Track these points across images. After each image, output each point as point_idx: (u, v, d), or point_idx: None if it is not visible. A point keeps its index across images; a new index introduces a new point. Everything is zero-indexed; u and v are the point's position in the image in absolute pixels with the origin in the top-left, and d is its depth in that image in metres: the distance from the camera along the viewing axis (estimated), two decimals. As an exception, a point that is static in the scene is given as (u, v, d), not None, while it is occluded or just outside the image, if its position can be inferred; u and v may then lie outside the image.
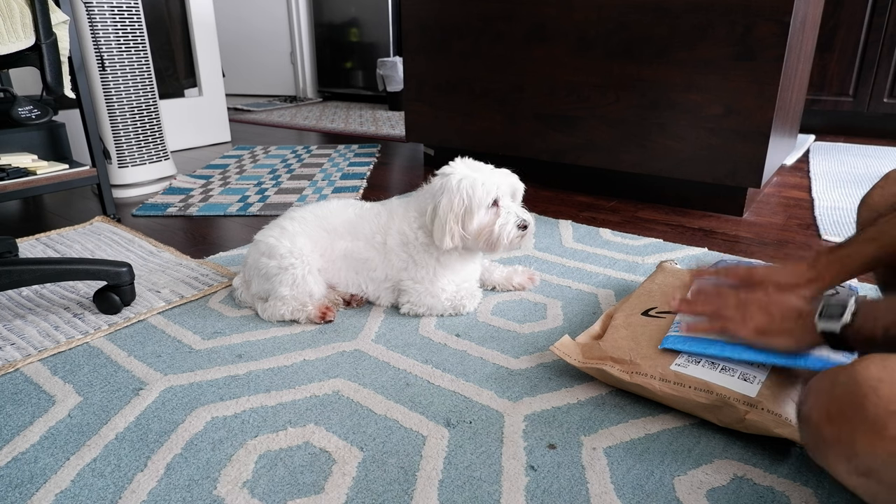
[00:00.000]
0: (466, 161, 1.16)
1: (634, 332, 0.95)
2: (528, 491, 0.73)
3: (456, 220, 1.09)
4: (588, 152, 1.97)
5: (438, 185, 1.12)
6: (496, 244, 1.11)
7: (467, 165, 1.14)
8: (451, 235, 1.09)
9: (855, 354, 0.71)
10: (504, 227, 1.10)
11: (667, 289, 1.09)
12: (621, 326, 0.98)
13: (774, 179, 2.20)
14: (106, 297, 1.18)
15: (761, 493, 0.72)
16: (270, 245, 1.15)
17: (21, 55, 1.11)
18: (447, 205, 1.09)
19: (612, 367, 0.89)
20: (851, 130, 3.09)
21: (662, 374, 0.85)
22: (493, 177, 1.11)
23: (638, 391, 0.88)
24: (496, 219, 1.10)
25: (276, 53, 4.87)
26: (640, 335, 0.94)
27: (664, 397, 0.84)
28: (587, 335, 1.01)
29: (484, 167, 1.15)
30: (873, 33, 2.81)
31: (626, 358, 0.89)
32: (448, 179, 1.11)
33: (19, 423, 0.87)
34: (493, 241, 1.11)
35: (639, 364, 0.88)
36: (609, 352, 0.92)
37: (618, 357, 0.90)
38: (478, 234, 1.11)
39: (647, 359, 0.88)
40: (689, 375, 0.83)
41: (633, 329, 0.97)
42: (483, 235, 1.11)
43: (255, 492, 0.73)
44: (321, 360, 1.03)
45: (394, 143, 3.01)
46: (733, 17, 1.61)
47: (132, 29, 2.00)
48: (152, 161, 2.13)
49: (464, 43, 2.15)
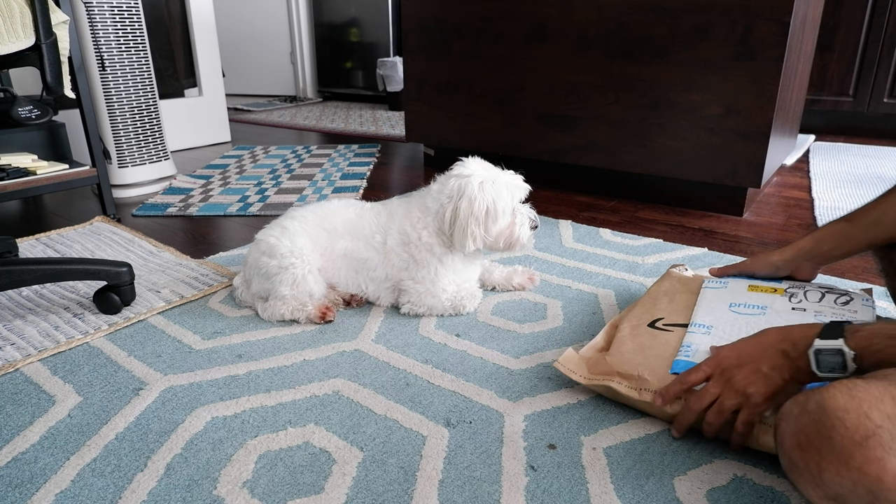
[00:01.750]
0: (479, 161, 1.16)
1: (641, 346, 0.92)
2: (528, 491, 0.73)
3: (478, 224, 1.10)
4: (588, 152, 1.97)
5: (455, 186, 1.11)
6: (515, 244, 1.15)
7: (482, 166, 1.14)
8: (473, 238, 1.11)
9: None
10: (522, 228, 1.14)
11: (674, 297, 1.04)
12: (627, 338, 0.95)
13: (774, 179, 2.20)
14: (106, 297, 1.18)
15: (761, 493, 0.72)
16: (271, 244, 1.15)
17: (21, 55, 1.11)
18: (468, 208, 1.09)
19: (619, 384, 0.86)
20: (851, 130, 3.09)
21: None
22: (516, 181, 1.14)
23: (647, 409, 0.85)
24: (515, 220, 1.14)
25: (276, 53, 4.87)
26: (648, 349, 0.91)
27: (674, 415, 0.82)
28: (591, 348, 0.97)
29: (495, 168, 1.15)
30: (873, 33, 2.81)
31: (633, 373, 0.86)
32: (468, 181, 1.10)
33: (19, 423, 0.87)
34: (512, 242, 1.15)
35: (647, 379, 0.85)
36: (616, 366, 0.89)
37: (625, 372, 0.87)
38: (498, 235, 1.14)
39: (656, 374, 0.85)
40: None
41: (640, 342, 0.93)
42: (503, 236, 1.14)
43: (255, 492, 0.73)
44: (321, 360, 1.03)
45: (394, 143, 3.01)
46: (733, 17, 1.61)
47: (132, 29, 2.00)
48: (152, 161, 2.13)
49: (464, 43, 2.15)
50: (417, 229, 1.15)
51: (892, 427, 0.50)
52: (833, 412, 0.53)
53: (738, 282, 1.00)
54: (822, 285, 0.94)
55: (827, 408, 0.54)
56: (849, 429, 0.51)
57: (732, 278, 1.03)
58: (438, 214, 1.13)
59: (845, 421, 0.52)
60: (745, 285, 0.98)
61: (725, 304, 0.94)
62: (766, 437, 0.75)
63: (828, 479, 0.53)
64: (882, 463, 0.49)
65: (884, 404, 0.52)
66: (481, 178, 1.10)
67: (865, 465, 0.50)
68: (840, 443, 0.52)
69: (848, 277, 1.34)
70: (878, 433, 0.50)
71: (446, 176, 1.15)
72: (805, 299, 0.91)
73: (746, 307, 0.92)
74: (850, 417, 0.52)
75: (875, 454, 0.50)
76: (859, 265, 1.41)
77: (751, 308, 0.91)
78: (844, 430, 0.52)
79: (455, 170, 1.14)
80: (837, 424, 0.52)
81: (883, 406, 0.52)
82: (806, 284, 0.95)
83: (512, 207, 1.13)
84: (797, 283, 0.96)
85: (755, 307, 0.91)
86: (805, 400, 0.57)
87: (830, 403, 0.54)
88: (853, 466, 0.51)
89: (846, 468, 0.51)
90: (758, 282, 0.98)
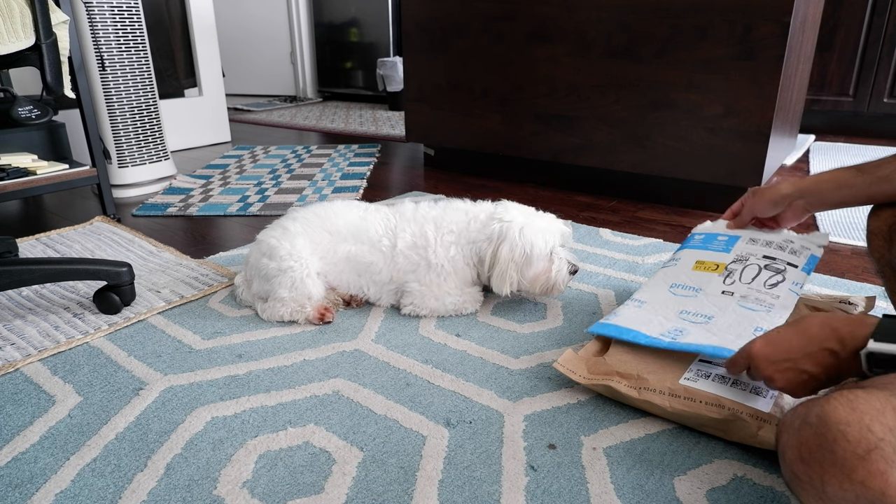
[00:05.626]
0: (516, 205, 1.19)
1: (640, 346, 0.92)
2: (528, 491, 0.73)
3: (516, 270, 1.12)
4: (588, 152, 1.97)
5: (497, 230, 1.13)
6: (552, 290, 1.16)
7: (521, 212, 1.17)
8: (511, 283, 1.13)
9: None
10: (559, 273, 1.15)
11: None
12: None
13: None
14: (106, 297, 1.18)
15: (761, 493, 0.72)
16: (271, 246, 1.15)
17: (21, 55, 1.11)
18: (508, 254, 1.12)
19: (619, 383, 0.87)
20: (851, 130, 3.09)
21: (671, 388, 0.83)
22: (552, 226, 1.15)
23: (647, 408, 0.85)
24: (551, 265, 1.14)
25: (276, 53, 4.87)
26: (646, 349, 0.91)
27: (674, 414, 0.82)
28: (591, 349, 0.97)
29: (535, 214, 1.18)
30: (873, 33, 2.81)
31: (633, 373, 0.87)
32: (509, 227, 1.13)
33: (19, 423, 0.87)
34: (549, 287, 1.16)
35: (646, 379, 0.85)
36: (615, 366, 0.89)
37: (624, 372, 0.88)
38: (534, 280, 1.14)
39: (655, 374, 0.86)
40: (699, 390, 0.81)
41: None
42: (539, 281, 1.15)
43: (255, 492, 0.73)
44: (321, 360, 1.03)
45: (394, 143, 3.01)
46: (733, 17, 1.61)
47: (132, 29, 2.00)
48: (152, 161, 2.13)
49: (464, 43, 2.15)
50: (446, 243, 1.16)
51: (894, 440, 0.50)
52: (835, 425, 0.53)
53: (688, 256, 1.05)
54: (769, 255, 0.97)
55: (828, 421, 0.53)
56: (851, 442, 0.51)
57: (685, 250, 1.08)
58: (475, 250, 1.16)
59: (847, 434, 0.52)
60: (693, 262, 1.03)
61: (667, 284, 1.01)
62: (765, 433, 0.75)
63: (831, 493, 0.53)
64: (885, 476, 0.49)
65: (885, 417, 0.52)
66: (521, 224, 1.13)
67: (868, 478, 0.50)
68: (842, 456, 0.52)
69: (848, 278, 1.34)
70: (880, 446, 0.50)
71: (488, 216, 1.17)
72: (738, 280, 0.95)
73: (683, 288, 0.99)
74: (851, 430, 0.52)
75: (878, 468, 0.50)
76: (859, 265, 1.41)
77: (687, 290, 0.98)
78: (846, 443, 0.52)
79: (496, 212, 1.17)
80: (839, 438, 0.52)
81: (885, 419, 0.52)
82: (750, 257, 0.98)
83: (549, 252, 1.14)
84: (743, 257, 0.99)
85: (691, 289, 0.98)
86: (806, 412, 0.57)
87: (832, 416, 0.53)
88: (856, 480, 0.50)
89: (849, 482, 0.51)
90: (704, 257, 1.03)
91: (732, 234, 1.04)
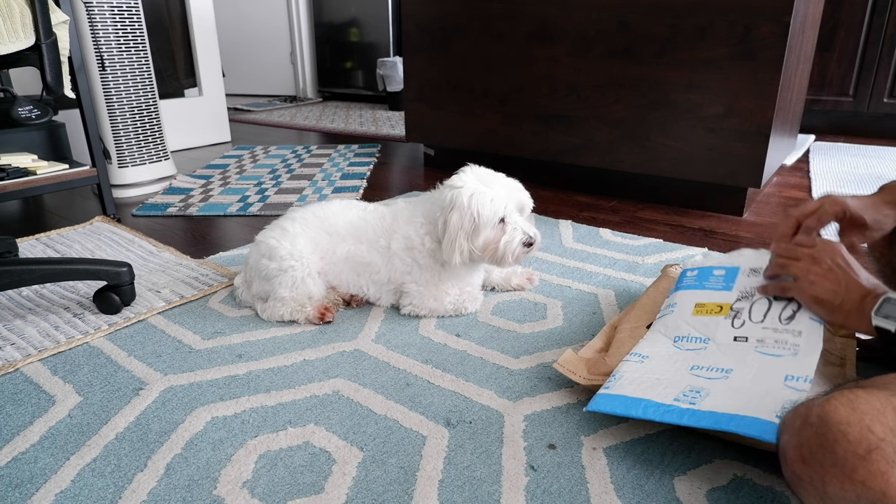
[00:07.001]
0: (477, 171, 1.15)
1: None
2: (528, 491, 0.73)
3: (465, 237, 1.10)
4: (588, 152, 1.97)
5: (448, 197, 1.11)
6: (501, 259, 1.12)
7: (478, 177, 1.13)
8: (461, 251, 1.10)
9: None
10: (509, 243, 1.10)
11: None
12: (627, 339, 0.95)
13: (774, 179, 2.20)
14: (106, 297, 1.18)
15: (761, 493, 0.72)
16: (271, 246, 1.15)
17: (21, 55, 1.11)
18: (457, 221, 1.09)
19: None
20: (851, 130, 3.09)
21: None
22: (502, 193, 1.11)
23: None
24: (502, 235, 1.11)
25: (276, 53, 4.87)
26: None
27: None
28: (590, 349, 0.98)
29: (494, 179, 1.13)
30: (873, 33, 2.81)
31: None
32: (458, 193, 1.10)
33: (19, 423, 0.87)
34: (498, 257, 1.12)
35: None
36: (615, 367, 0.89)
37: None
38: (483, 248, 1.11)
39: None
40: None
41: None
42: (489, 251, 1.12)
43: (255, 492, 0.73)
44: (321, 360, 1.03)
45: (394, 143, 3.01)
46: (733, 17, 1.61)
47: (132, 29, 2.00)
48: (152, 161, 2.13)
49: (464, 43, 2.15)
50: (420, 235, 1.15)
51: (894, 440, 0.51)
52: (835, 425, 0.53)
53: (685, 299, 0.94)
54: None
55: (829, 421, 0.54)
56: (851, 442, 0.52)
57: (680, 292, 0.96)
58: (433, 220, 1.13)
59: (848, 434, 0.52)
60: (691, 305, 0.91)
61: (670, 337, 0.90)
62: None
63: (832, 493, 0.53)
64: (886, 477, 0.50)
65: (886, 417, 0.52)
66: (472, 190, 1.09)
67: (869, 479, 0.50)
68: (843, 456, 0.52)
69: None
70: (881, 446, 0.51)
71: (445, 184, 1.14)
72: (749, 319, 0.84)
73: (689, 340, 0.88)
74: (852, 431, 0.52)
75: (878, 468, 0.50)
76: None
77: (693, 342, 0.87)
78: (847, 443, 0.52)
79: (451, 179, 1.14)
80: (840, 438, 0.52)
81: (885, 419, 0.52)
82: (755, 293, 0.86)
83: (497, 220, 1.10)
84: (746, 292, 0.88)
85: (697, 340, 0.87)
86: (806, 413, 0.57)
87: (833, 416, 0.54)
88: (857, 480, 0.51)
89: (850, 482, 0.51)
90: (704, 298, 0.91)
91: (730, 267, 0.92)
